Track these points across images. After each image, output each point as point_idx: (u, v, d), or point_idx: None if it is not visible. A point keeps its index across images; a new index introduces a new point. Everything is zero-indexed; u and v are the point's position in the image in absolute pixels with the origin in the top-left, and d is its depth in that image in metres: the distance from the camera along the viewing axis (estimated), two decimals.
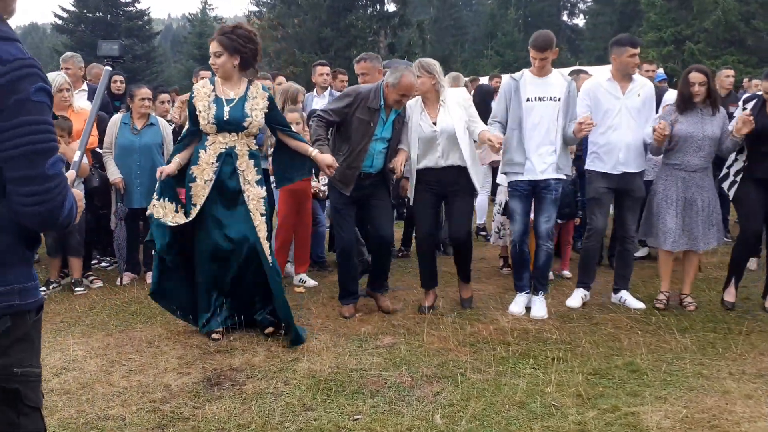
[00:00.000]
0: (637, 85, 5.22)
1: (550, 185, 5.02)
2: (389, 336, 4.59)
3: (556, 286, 5.94)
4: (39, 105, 1.62)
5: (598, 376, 3.94)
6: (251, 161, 4.42)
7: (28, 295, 1.73)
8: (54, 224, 1.69)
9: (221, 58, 4.29)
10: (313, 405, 3.51)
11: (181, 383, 3.77)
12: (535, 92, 4.99)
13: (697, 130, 5.08)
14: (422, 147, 4.95)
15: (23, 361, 1.73)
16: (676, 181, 5.16)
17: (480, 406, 3.52)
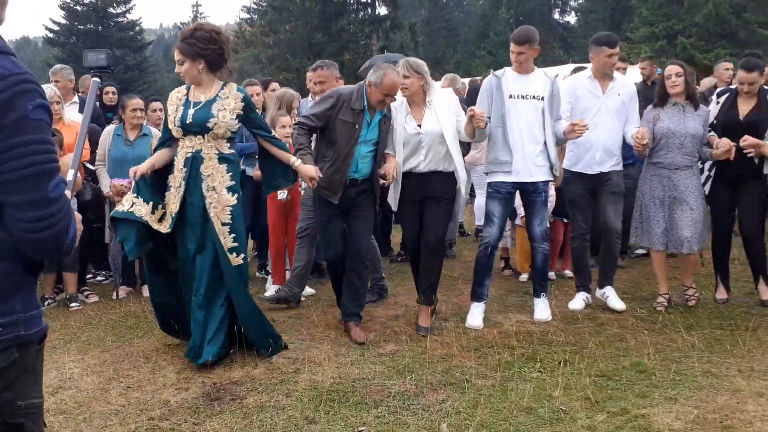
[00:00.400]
0: (617, 85, 5.12)
1: (538, 188, 4.89)
2: (391, 343, 4.51)
3: (558, 286, 5.88)
4: (38, 123, 1.52)
5: (606, 378, 3.86)
6: (222, 165, 4.17)
7: (32, 325, 1.65)
8: (59, 251, 1.59)
9: (184, 66, 4.15)
10: (316, 417, 3.43)
11: (180, 399, 3.69)
12: (518, 90, 4.84)
13: (678, 126, 5.00)
14: (407, 150, 4.74)
15: (27, 394, 1.66)
16: (660, 180, 5.08)
17: (487, 413, 3.44)
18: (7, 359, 1.58)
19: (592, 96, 5.07)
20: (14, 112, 1.47)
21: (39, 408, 1.72)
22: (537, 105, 4.84)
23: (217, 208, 4.15)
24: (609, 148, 5.07)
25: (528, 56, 4.83)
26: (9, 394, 1.61)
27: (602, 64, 5.03)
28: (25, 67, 1.54)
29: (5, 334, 1.57)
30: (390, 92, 4.52)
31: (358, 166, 4.64)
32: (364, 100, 4.57)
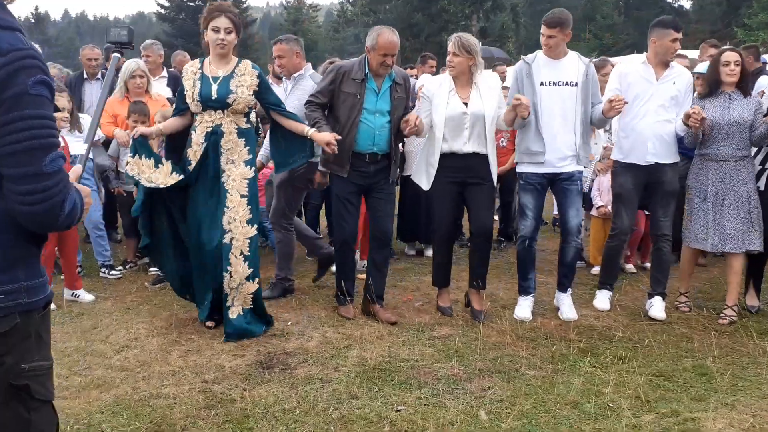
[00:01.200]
0: (674, 73, 4.79)
1: (573, 176, 4.68)
2: (446, 327, 4.51)
3: (632, 281, 5.68)
4: (38, 99, 1.54)
5: (662, 378, 3.73)
6: (240, 140, 4.29)
7: (36, 293, 1.70)
8: (53, 225, 1.62)
9: (231, 35, 4.26)
10: (359, 393, 3.50)
11: (234, 365, 3.85)
12: (549, 76, 4.62)
13: (722, 116, 4.68)
14: (448, 128, 4.58)
15: (30, 357, 1.71)
16: (707, 173, 4.76)
17: (530, 403, 3.40)
18: (10, 324, 1.64)
19: (645, 82, 4.77)
20: (14, 87, 1.50)
21: (46, 370, 1.78)
22: (570, 92, 4.62)
23: (236, 180, 4.27)
24: (662, 137, 4.75)
25: (558, 41, 4.60)
26: (12, 357, 1.67)
27: (665, 48, 4.70)
28: (29, 42, 1.56)
29: (7, 301, 1.63)
30: (388, 51, 4.39)
31: (375, 140, 4.56)
32: (365, 68, 4.50)
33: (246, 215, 4.29)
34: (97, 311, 4.74)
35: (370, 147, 4.57)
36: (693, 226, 4.82)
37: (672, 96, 4.76)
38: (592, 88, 4.68)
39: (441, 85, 4.67)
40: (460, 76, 4.61)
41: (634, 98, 4.76)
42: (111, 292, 5.24)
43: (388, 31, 4.44)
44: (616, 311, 4.86)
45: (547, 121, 4.62)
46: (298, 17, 42.22)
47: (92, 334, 4.29)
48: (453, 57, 4.52)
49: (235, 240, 4.28)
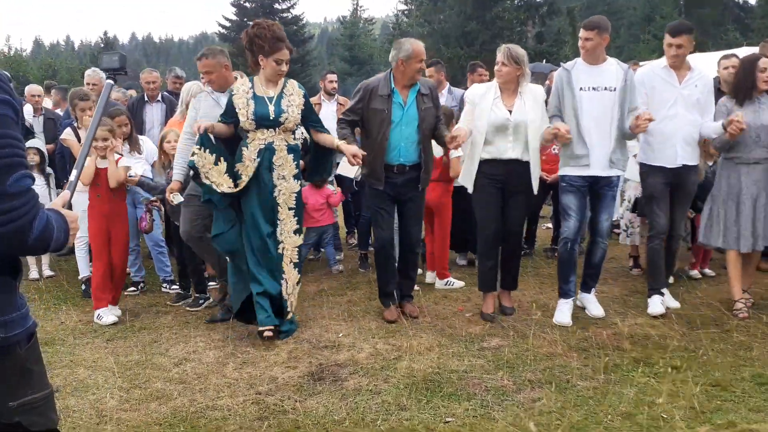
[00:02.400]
0: (695, 76, 4.82)
1: (612, 182, 4.75)
2: (497, 338, 4.50)
3: (689, 289, 5.53)
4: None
5: (719, 388, 3.63)
6: (290, 156, 4.52)
7: (13, 327, 1.62)
8: (21, 247, 1.54)
9: (287, 65, 4.52)
10: (408, 404, 3.53)
11: (287, 377, 3.94)
12: (588, 82, 4.67)
13: (753, 119, 4.65)
14: (491, 134, 4.71)
15: (19, 393, 1.64)
16: (739, 176, 4.75)
17: (580, 415, 3.37)
18: None
19: (668, 86, 4.80)
20: None
21: (43, 401, 1.71)
22: (609, 96, 4.65)
23: (285, 194, 4.50)
24: (689, 139, 4.81)
25: (595, 44, 4.63)
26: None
27: (666, 53, 4.83)
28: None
29: None
30: (423, 56, 4.65)
31: (401, 151, 4.72)
32: (391, 83, 4.68)
33: (293, 226, 4.57)
34: (157, 325, 4.93)
35: (398, 158, 4.75)
36: (729, 230, 4.82)
37: (696, 99, 4.81)
38: (630, 93, 4.69)
39: (487, 92, 4.79)
40: (507, 85, 4.72)
41: (659, 102, 4.80)
42: (171, 307, 5.43)
43: (416, 40, 4.70)
44: (671, 319, 4.75)
45: (587, 125, 4.67)
46: (354, 31, 42.70)
47: (152, 348, 4.46)
48: (502, 66, 4.65)
49: (287, 250, 4.55)
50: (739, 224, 4.81)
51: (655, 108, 4.76)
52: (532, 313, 4.92)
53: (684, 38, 4.74)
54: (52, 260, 6.91)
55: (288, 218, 4.54)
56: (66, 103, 8.69)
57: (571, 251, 4.83)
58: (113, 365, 4.12)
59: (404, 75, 4.67)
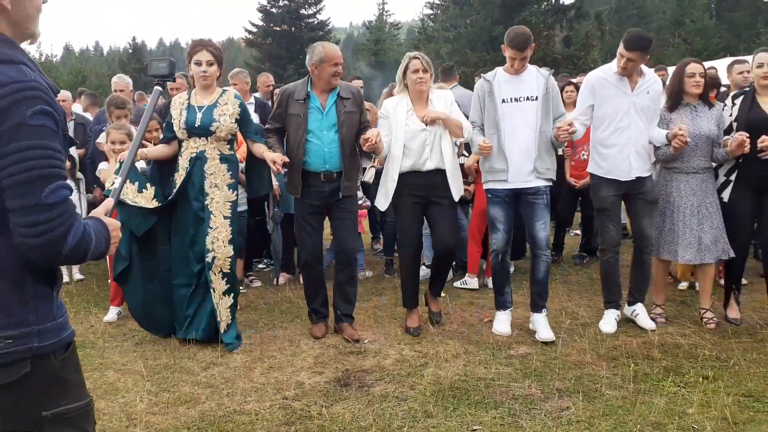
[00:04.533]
0: (647, 81, 4.66)
1: (539, 190, 4.62)
2: (524, 346, 4.47)
3: (720, 297, 5.43)
4: (38, 129, 1.51)
5: (752, 398, 3.57)
6: (223, 165, 4.54)
7: (48, 336, 1.61)
8: (56, 258, 1.54)
9: (213, 67, 4.54)
10: (435, 412, 3.52)
11: (313, 382, 3.95)
12: (511, 93, 4.59)
13: (691, 127, 4.60)
14: (409, 147, 4.62)
15: (53, 403, 1.63)
16: (678, 185, 4.71)
17: (609, 424, 3.33)
18: (18, 373, 1.56)
19: (621, 94, 4.65)
20: (13, 119, 1.48)
21: (78, 411, 1.69)
22: (531, 106, 4.58)
23: (219, 203, 4.53)
24: (641, 150, 4.69)
25: (524, 60, 4.58)
26: (27, 407, 1.59)
27: (617, 60, 4.68)
28: (33, 74, 1.55)
29: (15, 346, 1.55)
30: (337, 60, 4.54)
31: (326, 157, 4.60)
32: (308, 87, 4.62)
33: (228, 236, 4.56)
34: None
35: (323, 165, 4.61)
36: (673, 239, 4.77)
37: (646, 106, 4.69)
38: (553, 101, 4.62)
39: (399, 105, 4.71)
40: (419, 95, 4.67)
41: (612, 112, 4.68)
42: None
43: (328, 43, 4.68)
44: (702, 328, 4.68)
45: (510, 137, 4.60)
46: (380, 36, 42.79)
47: (180, 352, 4.50)
48: (423, 74, 4.59)
49: (217, 259, 4.54)
50: (675, 234, 4.76)
51: (607, 117, 4.69)
52: (561, 321, 4.88)
53: (636, 54, 4.54)
54: (83, 264, 7.00)
55: (222, 227, 4.53)
56: (95, 108, 8.84)
57: (503, 263, 4.79)
58: (142, 369, 4.17)
59: (320, 79, 4.59)
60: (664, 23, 41.95)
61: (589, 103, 4.76)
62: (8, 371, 1.55)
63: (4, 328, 1.55)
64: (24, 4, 1.60)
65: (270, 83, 7.88)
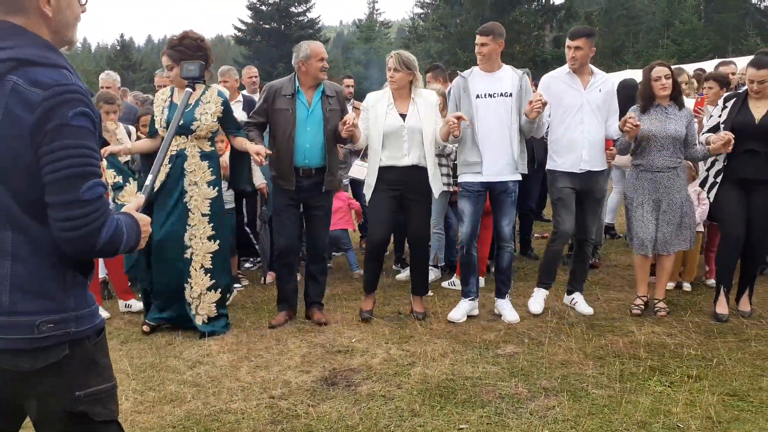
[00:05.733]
0: (599, 80, 4.90)
1: (508, 188, 4.81)
2: (511, 345, 4.47)
3: (707, 297, 5.47)
4: (78, 129, 1.62)
5: (737, 398, 3.59)
6: (204, 162, 4.61)
7: (84, 322, 1.73)
8: (91, 251, 1.66)
9: (174, 71, 4.58)
10: (421, 411, 3.52)
11: (300, 381, 3.94)
12: (485, 89, 4.74)
13: (659, 128, 4.77)
14: (386, 141, 4.75)
15: (85, 384, 1.74)
16: (643, 183, 4.86)
17: (595, 423, 3.34)
18: (58, 356, 1.68)
19: (573, 91, 4.87)
20: (55, 119, 1.59)
21: (106, 393, 1.81)
22: (506, 102, 4.71)
23: (197, 200, 4.58)
24: (594, 145, 4.88)
25: (491, 49, 4.72)
26: (64, 387, 1.71)
27: (566, 56, 4.91)
28: (73, 78, 1.66)
29: (56, 330, 1.67)
30: (323, 55, 4.69)
31: (306, 153, 4.69)
32: (295, 83, 4.70)
33: (207, 232, 4.62)
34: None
35: (303, 161, 4.72)
36: (637, 234, 4.94)
37: (599, 103, 4.88)
38: (525, 98, 4.73)
39: (380, 99, 4.82)
40: (400, 91, 4.77)
41: (565, 108, 4.88)
42: None
43: (314, 41, 4.78)
44: (688, 328, 4.70)
45: (484, 132, 4.75)
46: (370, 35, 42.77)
47: (167, 350, 4.47)
48: (394, 72, 4.70)
49: (196, 255, 4.60)
50: (633, 228, 4.97)
51: (561, 114, 4.89)
52: (548, 320, 4.90)
53: (582, 41, 4.82)
54: None
55: (200, 224, 4.61)
56: None
57: (468, 255, 4.94)
58: (128, 367, 4.14)
59: (307, 75, 4.69)
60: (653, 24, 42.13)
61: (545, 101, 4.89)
62: (49, 353, 1.67)
63: (47, 313, 1.66)
64: (64, 13, 1.72)
65: (253, 75, 7.87)
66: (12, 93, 1.58)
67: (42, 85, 1.59)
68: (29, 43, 1.65)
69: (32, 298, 1.65)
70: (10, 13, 1.66)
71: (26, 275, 1.65)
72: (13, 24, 1.66)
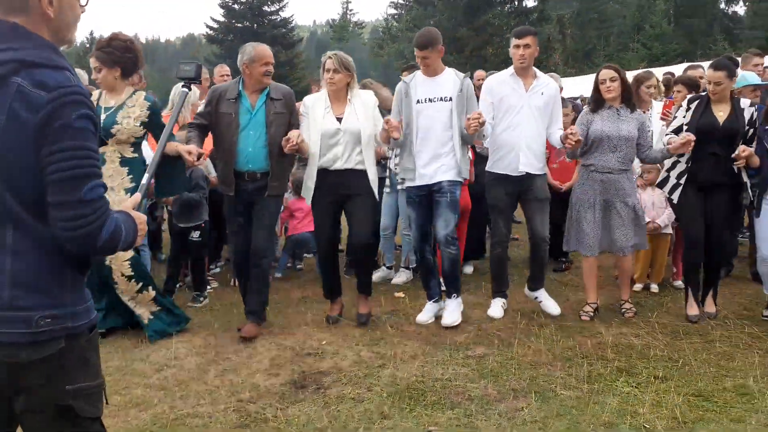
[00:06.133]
0: (541, 83, 4.91)
1: (443, 188, 4.76)
2: (482, 346, 4.48)
3: (674, 298, 5.54)
4: (80, 131, 1.65)
5: (702, 398, 3.64)
6: (123, 168, 4.53)
7: (79, 318, 1.78)
8: (92, 248, 1.71)
9: (102, 73, 4.53)
10: (391, 413, 3.51)
11: (269, 384, 3.90)
12: (426, 93, 4.75)
13: (612, 130, 4.83)
14: (323, 144, 4.69)
15: (76, 379, 1.78)
16: (593, 184, 4.91)
17: (563, 424, 3.36)
18: (54, 348, 1.72)
19: (515, 94, 4.88)
20: (59, 121, 1.62)
21: (93, 389, 1.84)
22: (445, 107, 4.72)
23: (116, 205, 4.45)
24: (533, 148, 4.89)
25: (433, 59, 4.73)
26: (56, 379, 1.74)
27: (513, 55, 4.92)
28: (76, 80, 1.69)
29: (54, 325, 1.72)
30: (267, 59, 4.57)
31: (249, 157, 4.61)
32: (239, 87, 4.63)
33: None
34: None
35: (246, 165, 4.63)
36: (586, 235, 4.94)
37: (541, 107, 4.89)
38: (467, 102, 4.73)
39: (317, 102, 4.79)
40: (339, 93, 4.72)
41: (506, 110, 4.88)
42: None
43: (258, 43, 4.67)
44: (655, 329, 4.76)
45: (424, 136, 4.76)
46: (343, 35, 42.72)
47: (133, 354, 4.41)
48: (333, 74, 4.64)
49: (114, 263, 4.49)
50: (582, 229, 4.97)
51: (502, 116, 4.90)
52: (518, 322, 4.92)
53: (530, 38, 4.84)
54: None
55: None
56: None
57: (423, 260, 4.98)
58: None
59: (251, 78, 4.60)
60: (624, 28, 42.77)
61: (489, 101, 4.94)
62: (46, 346, 1.71)
63: (46, 308, 1.71)
64: (66, 14, 1.75)
65: (225, 73, 7.78)
66: (16, 94, 1.61)
67: (46, 87, 1.62)
68: (32, 44, 1.67)
69: (31, 293, 1.70)
70: (12, 13, 1.68)
71: (26, 272, 1.70)
72: (15, 24, 1.67)
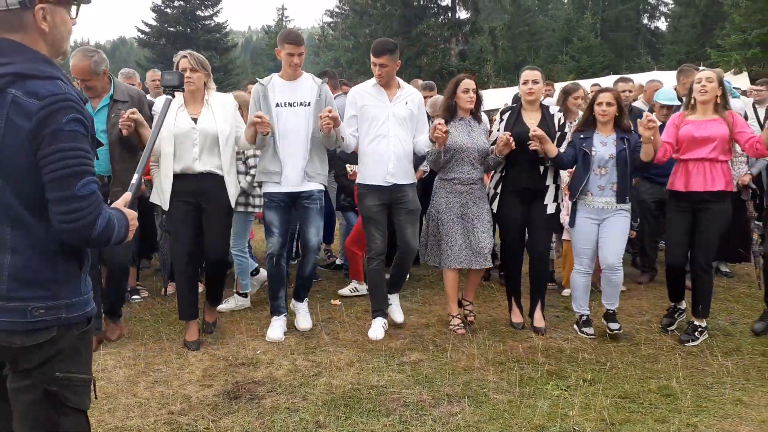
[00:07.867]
0: (405, 93, 4.96)
1: (312, 195, 4.78)
2: (416, 352, 4.52)
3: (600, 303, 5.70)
4: (71, 133, 1.82)
5: (628, 399, 3.76)
6: None
7: (74, 309, 1.94)
8: (88, 239, 1.86)
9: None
10: (326, 422, 3.49)
11: (201, 395, 3.83)
12: (284, 98, 4.72)
13: (469, 141, 4.89)
14: (177, 147, 4.51)
15: (65, 367, 1.92)
16: (456, 197, 4.93)
17: (495, 428, 3.42)
18: (46, 336, 1.88)
19: (379, 104, 4.89)
20: (50, 126, 1.79)
21: (82, 382, 1.97)
22: (304, 111, 4.73)
23: None
24: (400, 158, 4.88)
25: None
26: (47, 365, 1.89)
27: (373, 71, 4.93)
28: (67, 87, 1.85)
29: (47, 316, 1.87)
30: (77, 75, 4.40)
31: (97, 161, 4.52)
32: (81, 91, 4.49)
33: None
34: None
35: (100, 170, 4.44)
36: (450, 248, 4.92)
37: (406, 116, 4.90)
38: (324, 107, 4.68)
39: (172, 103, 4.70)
40: (195, 93, 4.62)
41: (371, 121, 4.88)
42: None
43: (74, 55, 4.39)
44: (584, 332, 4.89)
45: (284, 140, 4.71)
46: None
47: None
48: (191, 73, 4.53)
49: None
50: (441, 241, 4.96)
51: (367, 127, 4.88)
52: (452, 328, 4.97)
53: (386, 58, 4.79)
54: None
55: None
56: None
57: (277, 266, 4.85)
58: None
59: None
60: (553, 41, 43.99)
61: (352, 114, 4.93)
62: (39, 334, 1.87)
63: (41, 300, 1.87)
64: (59, 28, 1.92)
65: (157, 78, 7.62)
66: (12, 104, 1.77)
67: (38, 95, 1.78)
68: (27, 58, 1.83)
69: (27, 286, 1.86)
70: (10, 31, 1.84)
71: (23, 266, 1.85)
72: (12, 41, 1.84)
